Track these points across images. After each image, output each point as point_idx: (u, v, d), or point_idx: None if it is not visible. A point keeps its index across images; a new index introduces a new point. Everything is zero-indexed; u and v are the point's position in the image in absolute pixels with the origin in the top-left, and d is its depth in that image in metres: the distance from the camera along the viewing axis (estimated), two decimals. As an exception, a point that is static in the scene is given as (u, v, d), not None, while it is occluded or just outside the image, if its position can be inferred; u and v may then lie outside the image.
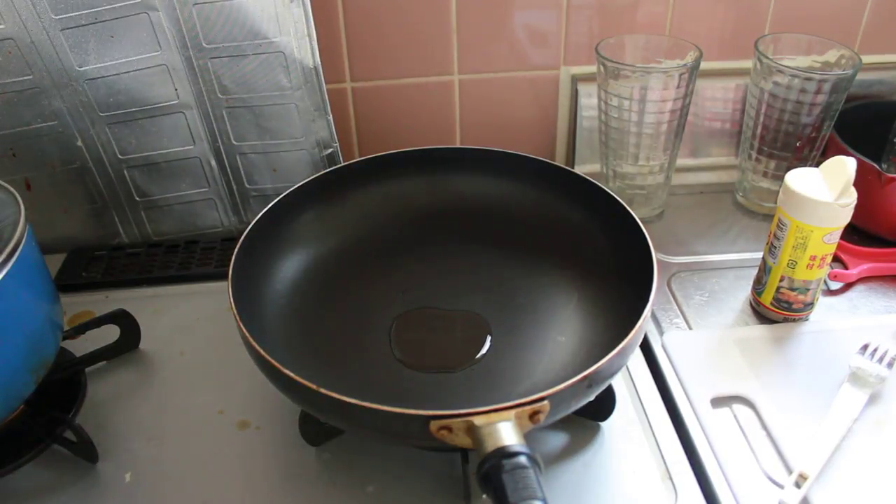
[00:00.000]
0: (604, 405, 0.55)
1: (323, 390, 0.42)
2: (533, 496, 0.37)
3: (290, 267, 0.61)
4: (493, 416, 0.41)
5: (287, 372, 0.44)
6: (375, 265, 0.64)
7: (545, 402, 0.42)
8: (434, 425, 0.41)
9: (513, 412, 0.41)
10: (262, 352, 0.45)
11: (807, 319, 0.64)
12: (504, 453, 0.39)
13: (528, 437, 0.40)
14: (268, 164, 0.73)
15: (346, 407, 0.42)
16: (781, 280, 0.61)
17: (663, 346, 0.62)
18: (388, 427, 0.43)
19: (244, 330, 0.47)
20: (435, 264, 0.64)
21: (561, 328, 0.58)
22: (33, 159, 0.69)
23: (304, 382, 0.43)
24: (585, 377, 0.43)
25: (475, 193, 0.67)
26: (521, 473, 0.38)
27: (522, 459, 0.39)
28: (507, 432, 0.40)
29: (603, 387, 0.48)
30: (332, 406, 0.43)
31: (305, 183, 0.63)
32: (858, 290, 0.68)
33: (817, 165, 0.59)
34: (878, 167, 0.68)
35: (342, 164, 0.67)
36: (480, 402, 0.41)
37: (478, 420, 0.41)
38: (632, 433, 0.55)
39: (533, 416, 0.42)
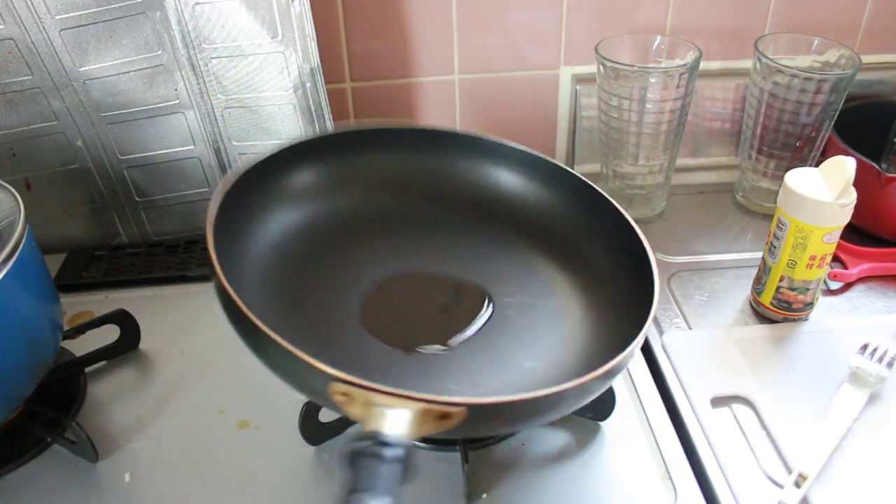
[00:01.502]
0: (604, 405, 0.55)
1: (251, 315, 0.40)
2: (371, 488, 0.36)
3: (276, 226, 0.57)
4: (397, 400, 0.38)
5: (233, 295, 0.41)
6: (360, 236, 0.61)
7: (461, 408, 0.39)
8: (334, 387, 0.39)
9: (421, 405, 0.38)
10: (219, 271, 0.43)
11: (807, 319, 0.64)
12: (378, 440, 0.37)
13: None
14: (268, 164, 0.73)
15: (266, 341, 0.40)
16: (781, 280, 0.61)
17: (663, 346, 0.62)
18: (296, 373, 0.42)
19: (216, 261, 0.44)
20: (427, 245, 0.61)
21: (552, 332, 0.55)
22: (33, 159, 0.69)
23: (241, 308, 0.41)
24: (518, 402, 0.40)
25: (472, 182, 0.64)
26: (378, 464, 0.37)
27: (390, 452, 0.37)
28: (398, 421, 0.38)
29: (555, 416, 0.46)
30: (257, 338, 0.41)
31: (308, 139, 0.59)
32: (858, 289, 0.68)
33: (817, 165, 0.59)
34: (877, 167, 0.68)
35: (342, 128, 0.64)
36: (427, 389, 0.39)
37: (378, 398, 0.38)
38: (632, 433, 0.55)
39: (443, 417, 0.39)
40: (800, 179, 0.58)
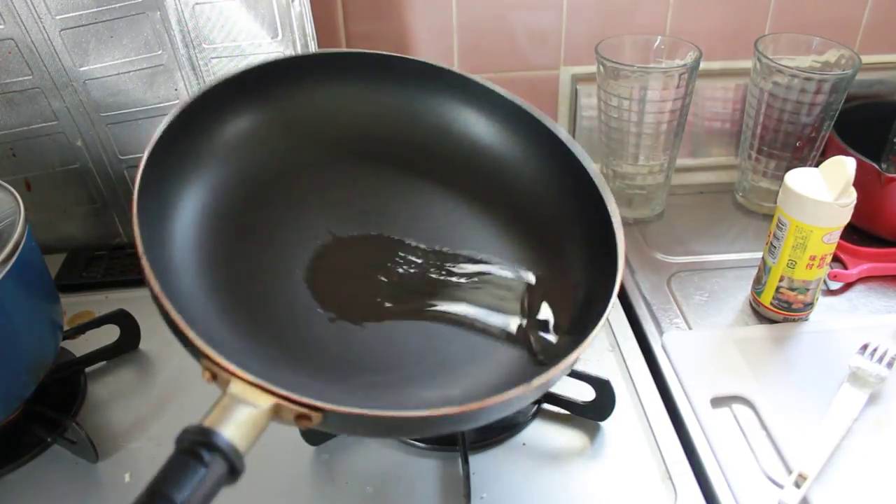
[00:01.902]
0: (604, 405, 0.55)
1: (147, 264, 0.36)
2: (175, 499, 0.31)
3: (212, 180, 0.49)
4: (253, 392, 0.35)
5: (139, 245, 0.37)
6: (310, 188, 0.52)
7: (318, 413, 0.35)
8: (205, 363, 0.36)
9: (275, 399, 0.35)
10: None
11: (807, 319, 0.64)
12: (208, 439, 0.33)
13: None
14: (268, 164, 0.73)
15: (156, 298, 0.37)
16: (781, 280, 0.61)
17: (663, 346, 0.62)
18: (177, 335, 0.38)
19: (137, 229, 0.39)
20: (391, 204, 0.54)
21: (487, 343, 0.48)
22: (33, 159, 0.69)
23: (140, 251, 0.37)
24: (378, 417, 0.36)
25: (450, 134, 0.55)
26: (198, 470, 0.32)
27: (216, 463, 0.32)
28: (241, 417, 0.34)
29: (430, 434, 0.42)
30: (154, 298, 0.38)
31: (247, 70, 0.49)
32: (858, 290, 0.68)
33: (817, 165, 0.59)
34: (877, 167, 0.68)
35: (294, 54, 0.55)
36: (333, 365, 0.36)
37: (236, 386, 0.35)
38: (632, 433, 0.55)
39: (300, 417, 0.36)
40: (800, 179, 0.58)
